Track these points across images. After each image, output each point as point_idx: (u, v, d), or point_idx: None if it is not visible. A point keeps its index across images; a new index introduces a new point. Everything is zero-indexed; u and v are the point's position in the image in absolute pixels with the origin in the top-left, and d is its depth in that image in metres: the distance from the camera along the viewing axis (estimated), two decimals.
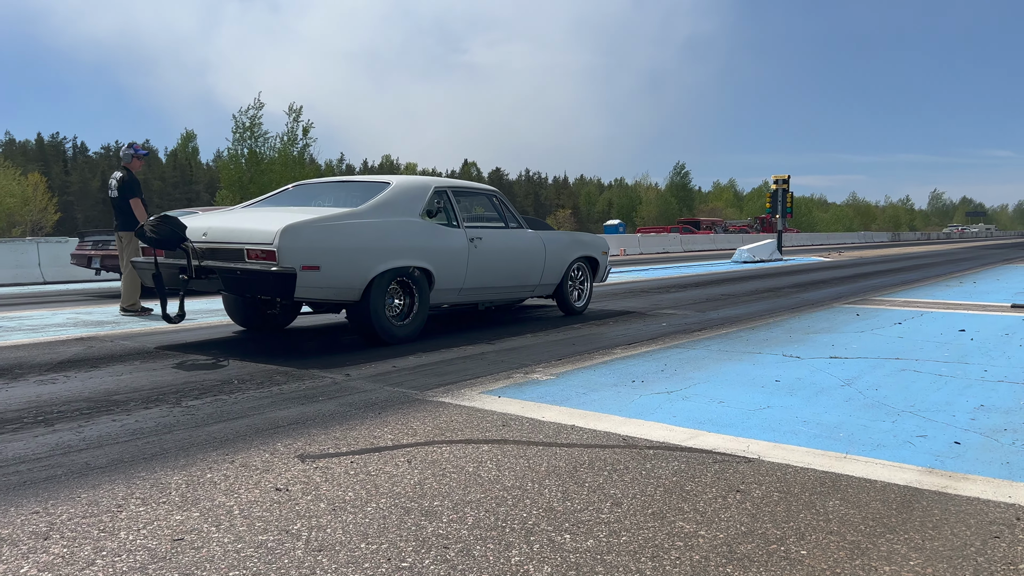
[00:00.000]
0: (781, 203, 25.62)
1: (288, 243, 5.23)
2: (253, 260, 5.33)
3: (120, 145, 54.86)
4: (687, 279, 14.06)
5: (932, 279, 14.12)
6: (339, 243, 5.53)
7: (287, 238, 5.23)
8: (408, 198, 6.29)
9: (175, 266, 5.73)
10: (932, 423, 3.63)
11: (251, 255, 5.34)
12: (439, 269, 6.28)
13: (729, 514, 2.50)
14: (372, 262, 5.72)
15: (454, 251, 6.45)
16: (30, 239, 14.96)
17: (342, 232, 5.59)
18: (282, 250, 5.20)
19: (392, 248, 5.89)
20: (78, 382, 4.55)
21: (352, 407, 3.92)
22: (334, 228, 5.56)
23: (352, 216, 5.77)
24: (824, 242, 55.81)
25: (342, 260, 5.53)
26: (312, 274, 5.34)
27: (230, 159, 34.71)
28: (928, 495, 2.68)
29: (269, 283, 5.24)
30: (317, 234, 5.43)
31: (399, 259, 5.92)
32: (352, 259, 5.59)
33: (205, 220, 5.89)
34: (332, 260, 5.46)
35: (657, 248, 33.71)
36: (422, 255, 6.12)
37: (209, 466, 2.95)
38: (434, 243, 6.27)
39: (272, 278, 5.20)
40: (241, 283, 5.41)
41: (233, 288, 5.54)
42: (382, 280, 5.82)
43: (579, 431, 3.48)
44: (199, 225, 5.75)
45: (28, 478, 2.80)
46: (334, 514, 2.47)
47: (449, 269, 6.40)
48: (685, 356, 5.45)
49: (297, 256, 5.26)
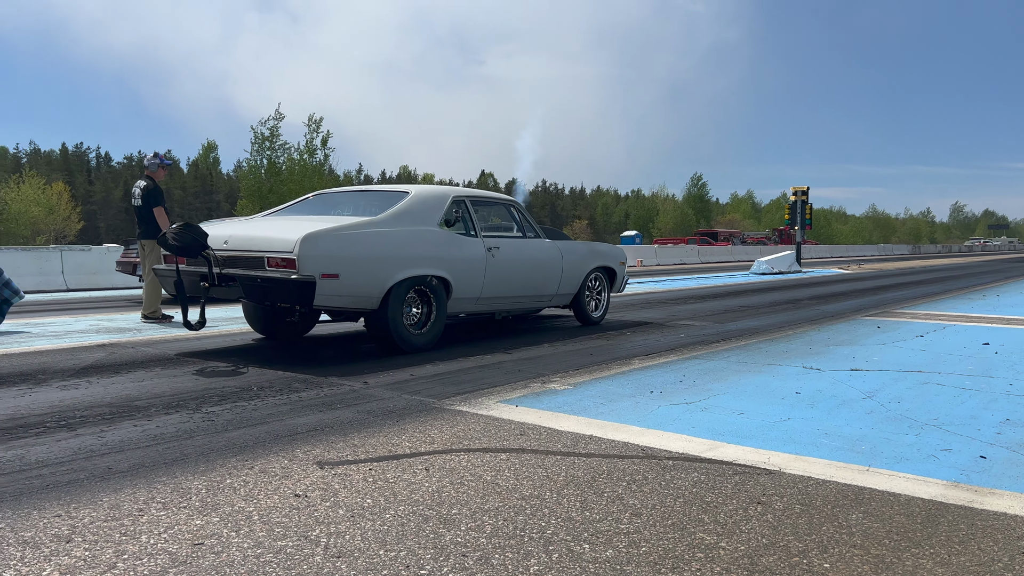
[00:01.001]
0: (800, 215, 25.46)
1: (308, 251, 5.26)
2: (273, 268, 5.36)
3: (143, 155, 55.54)
4: (705, 290, 13.99)
5: (954, 292, 13.96)
6: (358, 252, 5.56)
7: (307, 246, 5.26)
8: (426, 207, 6.32)
9: (196, 274, 5.77)
10: (957, 437, 3.57)
11: (271, 263, 5.38)
12: (457, 278, 6.29)
13: (750, 526, 2.47)
14: (390, 271, 5.74)
15: (472, 260, 6.45)
16: (53, 247, 15.17)
17: (361, 241, 5.62)
18: (302, 258, 5.23)
19: (410, 257, 5.90)
20: (100, 388, 4.59)
21: (370, 415, 3.92)
22: (353, 237, 5.59)
23: (371, 225, 5.80)
24: (843, 254, 55.39)
25: (361, 268, 5.55)
26: (331, 282, 5.37)
27: (250, 170, 35.06)
28: (954, 510, 2.64)
29: (289, 291, 5.28)
30: (336, 243, 5.46)
31: (417, 268, 5.93)
32: (371, 268, 5.62)
33: (226, 228, 5.94)
34: (351, 268, 5.49)
35: (674, 259, 33.59)
36: (440, 264, 6.13)
37: (229, 472, 2.96)
38: (452, 252, 6.28)
39: (292, 286, 5.24)
40: (261, 291, 5.46)
41: (253, 296, 5.58)
42: (400, 289, 5.84)
43: (597, 441, 3.46)
44: (220, 233, 5.80)
45: (51, 482, 2.82)
46: (353, 521, 2.47)
47: (467, 278, 6.41)
48: (704, 367, 5.41)
49: (317, 264, 5.29)
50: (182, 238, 5.51)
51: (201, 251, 5.58)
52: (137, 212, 8.16)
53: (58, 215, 53.57)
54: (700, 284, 16.05)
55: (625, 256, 8.70)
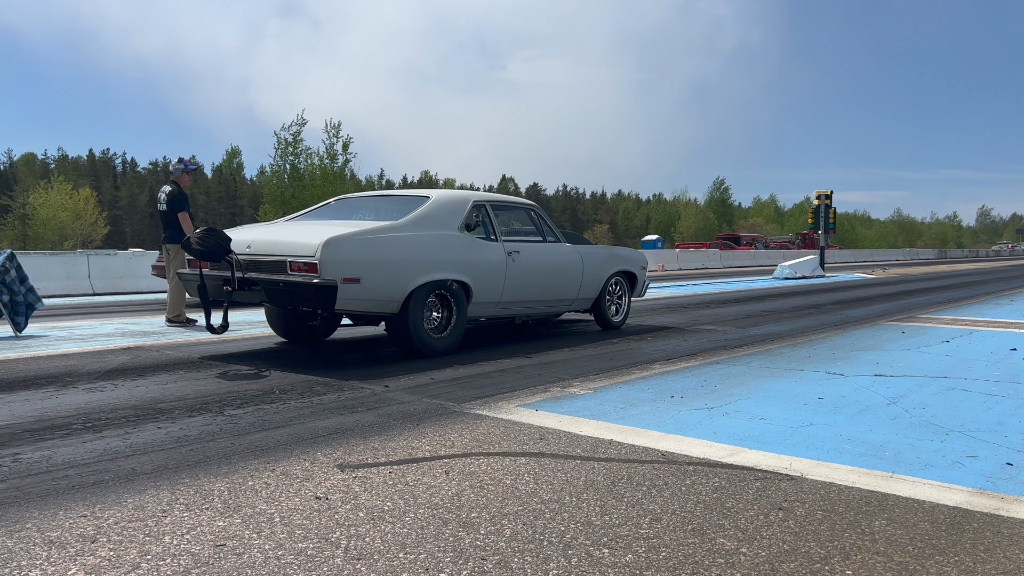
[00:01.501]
0: (824, 219, 25.22)
1: (330, 256, 5.31)
2: (295, 272, 5.42)
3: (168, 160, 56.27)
4: (727, 295, 13.90)
5: (981, 297, 13.75)
6: (379, 256, 5.60)
7: (329, 251, 5.31)
8: (447, 212, 6.35)
9: (219, 278, 5.84)
10: (983, 443, 3.52)
11: (293, 267, 5.43)
12: (477, 282, 6.31)
13: (771, 532, 2.45)
14: (411, 275, 5.77)
15: (492, 264, 6.47)
16: (80, 252, 15.40)
17: (382, 245, 5.66)
18: (324, 262, 5.28)
19: (431, 261, 5.93)
20: (125, 390, 4.65)
21: (391, 418, 3.94)
22: (374, 241, 5.63)
23: (392, 229, 5.84)
24: (868, 259, 54.78)
25: (382, 273, 5.59)
26: (352, 286, 5.41)
27: (273, 175, 35.38)
28: (979, 517, 2.60)
29: (311, 295, 5.33)
30: (358, 247, 5.50)
31: (438, 272, 5.96)
32: (392, 272, 5.65)
33: (249, 233, 6.02)
34: (372, 273, 5.53)
35: (696, 264, 33.41)
36: (460, 268, 6.16)
37: (251, 474, 2.99)
38: (472, 256, 6.30)
39: (313, 290, 5.29)
40: (283, 295, 5.51)
41: (275, 300, 5.63)
42: (421, 293, 5.87)
43: (617, 446, 3.45)
44: (243, 238, 5.86)
45: (77, 482, 2.87)
46: (373, 523, 2.48)
47: (487, 282, 6.42)
48: (725, 372, 5.38)
49: (338, 268, 5.34)
50: (206, 243, 5.58)
51: (224, 255, 5.65)
52: (163, 217, 8.27)
53: (85, 220, 54.40)
54: (722, 288, 15.95)
55: (646, 260, 8.66)
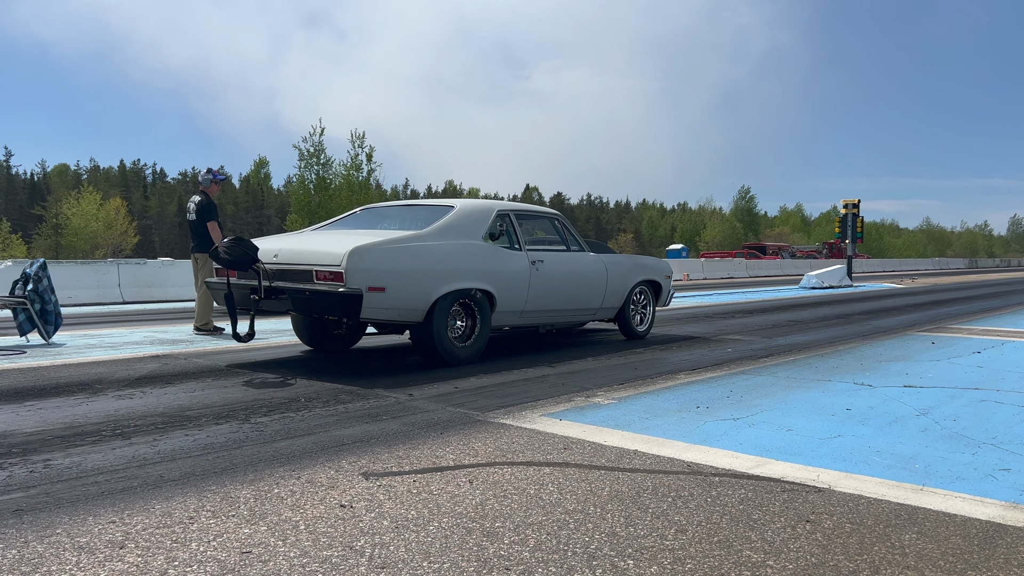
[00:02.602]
0: (851, 228, 24.95)
1: (355, 265, 5.35)
2: (321, 281, 5.46)
3: (197, 171, 57.09)
4: (753, 304, 13.78)
5: (1013, 307, 13.50)
6: (404, 265, 5.63)
7: (354, 260, 5.35)
8: (471, 221, 6.37)
9: (246, 287, 5.90)
10: (1016, 456, 3.45)
11: (319, 276, 5.47)
12: (501, 291, 6.32)
13: (798, 544, 2.42)
14: (435, 284, 5.79)
15: (516, 274, 6.48)
16: (111, 261, 15.65)
17: (407, 254, 5.70)
18: (349, 271, 5.32)
19: (455, 270, 5.95)
20: (153, 398, 4.71)
21: (415, 427, 3.95)
22: (399, 250, 5.67)
23: (417, 239, 5.88)
24: (896, 268, 54.04)
25: (407, 282, 5.62)
26: (378, 295, 5.44)
27: (299, 185, 35.75)
28: (1013, 531, 2.55)
29: (336, 304, 5.37)
30: (383, 256, 5.54)
31: (462, 281, 5.98)
32: (416, 281, 5.68)
33: (276, 242, 6.08)
34: (397, 282, 5.56)
35: (721, 273, 33.17)
36: (484, 277, 6.17)
37: (276, 481, 3.01)
38: (496, 265, 6.31)
39: (339, 299, 5.33)
40: (309, 303, 5.55)
41: (302, 308, 5.68)
42: (445, 302, 5.89)
43: (642, 456, 3.43)
44: (270, 247, 5.92)
45: (106, 488, 2.91)
46: (397, 532, 2.49)
47: (511, 291, 6.43)
48: (751, 383, 5.33)
49: (364, 277, 5.37)
50: (233, 252, 5.64)
51: (252, 264, 5.70)
52: (192, 226, 8.39)
53: (115, 230, 55.30)
54: (748, 298, 15.81)
55: (671, 270, 8.62)
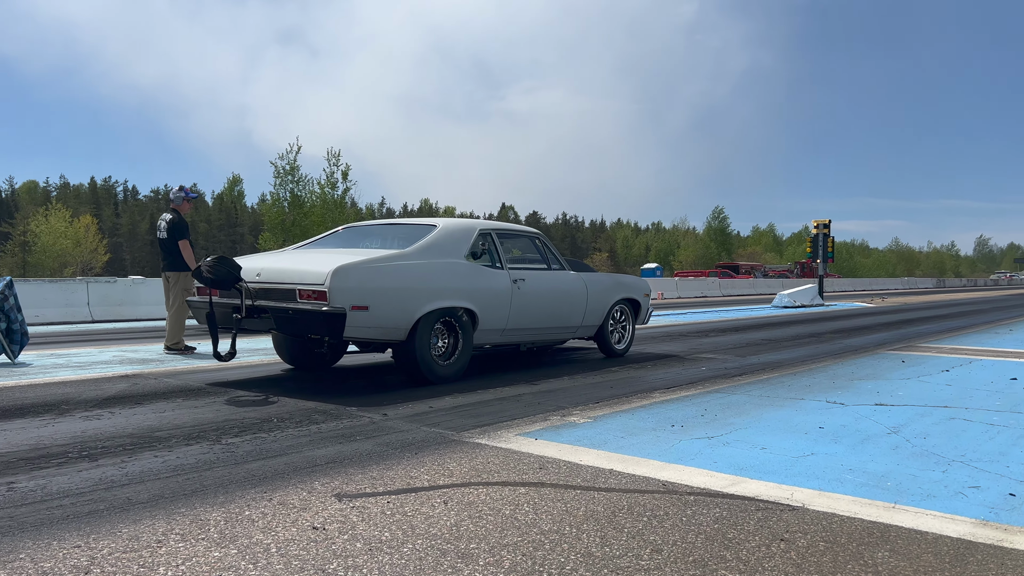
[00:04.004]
0: (822, 248, 25.28)
1: (339, 284, 5.35)
2: (304, 300, 5.47)
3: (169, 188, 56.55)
4: (726, 323, 13.88)
5: (981, 326, 13.75)
6: (387, 284, 5.65)
7: (338, 279, 5.36)
8: (454, 240, 6.41)
9: (228, 305, 5.88)
10: (985, 473, 3.50)
11: (303, 295, 5.48)
12: (483, 310, 6.34)
13: (773, 563, 2.43)
14: (418, 302, 5.81)
15: (498, 292, 6.51)
16: (80, 279, 15.40)
17: (390, 273, 5.71)
18: (333, 290, 5.33)
19: (438, 289, 5.98)
20: (122, 418, 4.63)
21: (389, 447, 3.91)
22: (382, 269, 5.69)
23: (400, 258, 5.90)
24: (866, 287, 54.82)
25: (390, 300, 5.64)
26: (361, 314, 5.45)
27: (273, 203, 35.50)
28: (982, 548, 2.57)
29: (319, 322, 5.37)
30: (366, 275, 5.55)
31: (444, 300, 6.00)
32: (399, 300, 5.70)
33: (258, 261, 6.08)
34: (380, 300, 5.57)
35: (695, 292, 33.41)
36: (467, 296, 6.20)
37: (247, 503, 2.96)
38: (478, 284, 6.34)
39: (322, 318, 5.32)
40: (292, 322, 5.54)
41: (284, 327, 5.66)
42: (428, 320, 5.91)
43: (617, 475, 3.43)
44: (252, 266, 5.91)
45: (71, 512, 2.84)
46: (370, 554, 2.45)
47: (493, 310, 6.46)
48: (725, 401, 5.36)
49: (347, 296, 5.38)
50: (217, 271, 5.62)
51: (234, 283, 5.68)
52: (162, 245, 8.28)
53: (85, 247, 54.52)
54: (721, 317, 15.94)
55: (649, 288, 8.70)
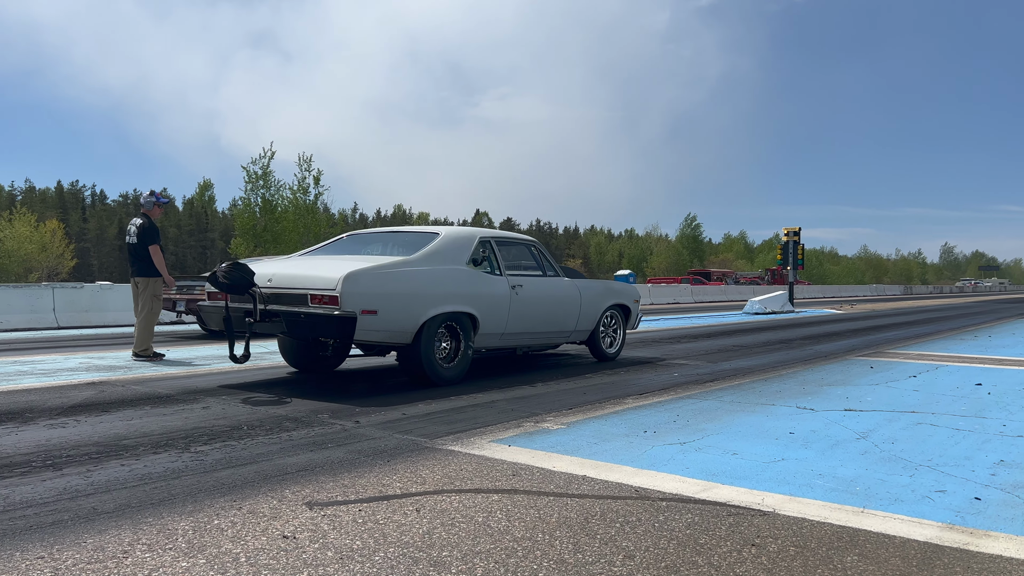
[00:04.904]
0: (792, 255, 25.61)
1: (350, 289, 5.57)
2: (316, 304, 5.68)
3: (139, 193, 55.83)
4: (698, 330, 13.99)
5: (947, 332, 14.00)
6: (395, 289, 5.90)
7: (349, 284, 5.57)
8: (456, 247, 6.66)
9: (240, 310, 6.08)
10: (951, 478, 3.56)
11: (314, 300, 5.69)
12: (484, 314, 6.59)
13: (744, 569, 2.44)
14: (424, 307, 6.04)
15: (497, 297, 6.76)
16: (46, 284, 15.11)
17: (398, 279, 5.97)
18: (344, 295, 5.54)
19: (442, 294, 6.22)
20: (88, 426, 4.54)
21: (361, 454, 3.88)
22: (391, 275, 5.94)
23: (406, 264, 6.14)
24: (836, 294, 55.57)
25: (397, 305, 5.88)
26: (370, 318, 5.66)
27: (244, 208, 35.10)
28: (949, 552, 2.61)
29: (331, 326, 5.58)
30: (375, 280, 5.78)
31: (448, 304, 6.24)
32: (406, 304, 5.94)
33: (269, 267, 6.31)
34: (388, 305, 5.81)
35: (668, 299, 33.64)
36: (468, 301, 6.44)
37: (216, 512, 2.92)
38: (479, 290, 6.59)
39: (334, 321, 5.54)
40: (304, 326, 5.75)
41: (295, 330, 5.87)
42: (432, 324, 6.13)
43: (590, 482, 3.43)
44: (264, 272, 6.12)
45: (35, 522, 2.78)
46: (341, 563, 2.43)
47: (493, 314, 6.71)
48: (697, 407, 5.39)
49: (357, 301, 5.60)
50: (232, 276, 5.80)
51: (248, 288, 5.87)
52: (132, 250, 8.16)
53: (51, 252, 53.54)
54: (694, 323, 16.06)
55: (639, 295, 9.02)
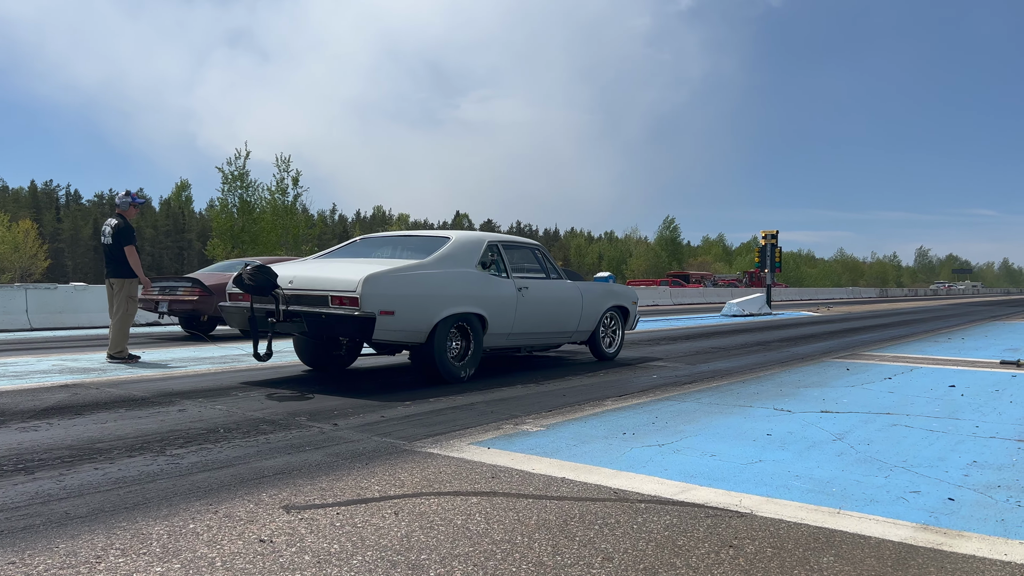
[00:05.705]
0: (770, 258, 25.84)
1: (369, 290, 5.85)
2: (336, 305, 5.95)
3: (114, 193, 55.10)
4: (677, 332, 14.07)
5: (921, 335, 14.18)
6: (411, 291, 6.18)
7: (368, 286, 5.85)
8: (466, 251, 6.95)
9: (262, 310, 6.36)
10: (925, 479, 3.60)
11: (335, 301, 5.96)
12: (492, 315, 6.87)
13: (722, 570, 2.45)
14: (437, 308, 6.33)
15: (505, 299, 7.04)
16: (18, 285, 14.87)
17: (414, 281, 6.25)
18: (364, 297, 5.82)
19: (454, 296, 6.51)
20: (61, 429, 4.47)
21: (339, 457, 3.86)
22: (407, 277, 6.22)
23: (421, 267, 6.44)
24: (812, 297, 56.12)
25: (413, 306, 6.16)
26: (388, 318, 5.93)
27: (221, 209, 34.75)
28: (923, 552, 2.64)
29: (351, 326, 5.87)
30: (393, 282, 6.06)
31: (459, 306, 6.53)
32: (421, 305, 6.23)
33: (290, 269, 6.54)
34: (405, 306, 6.08)
35: (647, 301, 33.79)
36: (478, 302, 6.73)
37: (192, 516, 2.88)
38: (488, 291, 6.88)
39: (354, 321, 5.82)
40: (324, 326, 6.02)
41: (315, 330, 6.13)
42: (445, 324, 6.42)
43: (569, 484, 3.43)
44: (285, 274, 6.36)
45: (5, 527, 2.73)
46: (319, 567, 2.41)
47: (501, 315, 6.99)
48: (676, 409, 5.42)
49: (376, 302, 5.87)
50: (257, 279, 6.10)
51: (272, 290, 6.15)
52: (107, 250, 8.06)
53: (24, 253, 52.78)
54: (672, 325, 16.14)
55: (637, 297, 9.29)
